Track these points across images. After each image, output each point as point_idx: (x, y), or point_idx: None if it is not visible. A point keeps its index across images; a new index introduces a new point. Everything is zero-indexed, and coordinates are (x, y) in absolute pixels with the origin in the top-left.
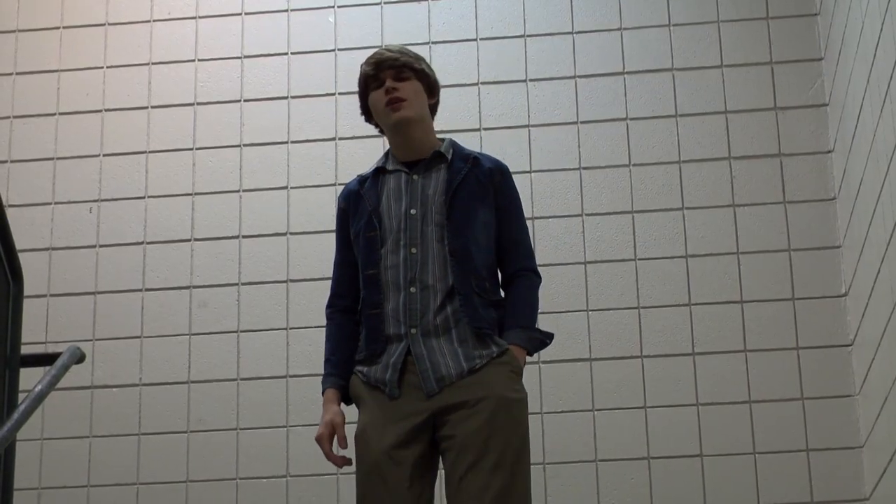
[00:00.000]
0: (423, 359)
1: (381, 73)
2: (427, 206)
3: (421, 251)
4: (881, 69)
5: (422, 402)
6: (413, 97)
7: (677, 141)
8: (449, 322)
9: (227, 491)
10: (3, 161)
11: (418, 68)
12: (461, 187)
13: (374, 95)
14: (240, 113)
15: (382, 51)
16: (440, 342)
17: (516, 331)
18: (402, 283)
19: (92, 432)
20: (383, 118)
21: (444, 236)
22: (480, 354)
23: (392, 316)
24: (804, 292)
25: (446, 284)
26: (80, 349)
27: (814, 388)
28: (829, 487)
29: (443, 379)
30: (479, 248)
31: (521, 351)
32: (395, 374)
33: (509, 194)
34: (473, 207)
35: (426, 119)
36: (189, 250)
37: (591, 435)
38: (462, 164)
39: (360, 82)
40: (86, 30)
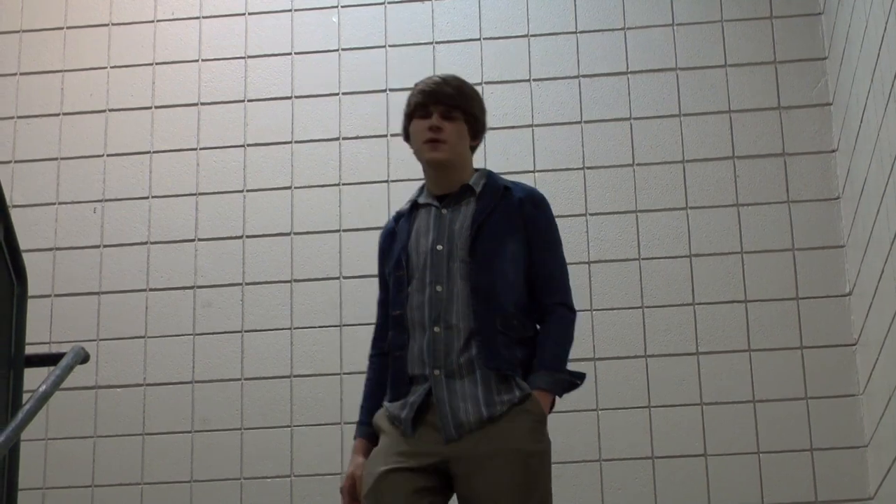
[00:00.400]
0: (444, 403)
1: (430, 105)
2: (453, 242)
3: (446, 289)
4: (885, 68)
5: (438, 444)
6: (455, 140)
7: (681, 140)
8: (473, 364)
9: (231, 491)
10: (7, 161)
11: (469, 111)
12: (488, 221)
13: (418, 125)
14: (243, 113)
15: (440, 83)
16: (463, 384)
17: (541, 374)
18: (428, 323)
19: (96, 432)
20: (418, 152)
21: (468, 273)
22: (502, 400)
23: (417, 357)
24: (808, 292)
25: (469, 324)
26: (85, 349)
27: (818, 387)
28: (833, 487)
29: (461, 426)
30: (506, 284)
31: (545, 395)
32: (412, 413)
33: (540, 225)
34: (500, 241)
35: (463, 160)
36: (193, 250)
37: (595, 434)
38: (491, 197)
39: (408, 103)
40: (89, 30)
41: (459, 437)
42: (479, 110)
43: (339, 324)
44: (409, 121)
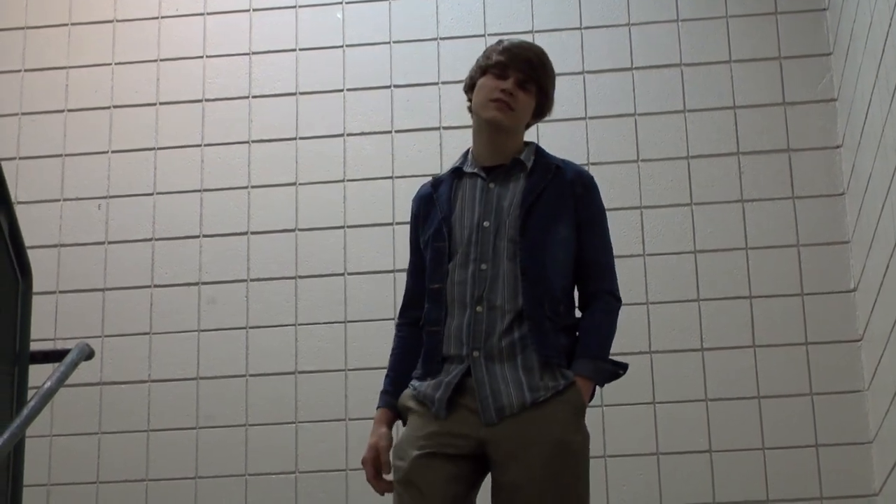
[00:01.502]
0: (485, 384)
1: (510, 68)
2: (501, 219)
3: (492, 268)
4: (889, 64)
5: (475, 428)
6: (522, 110)
7: (686, 136)
8: (515, 347)
9: (235, 487)
10: (12, 158)
11: (544, 87)
12: (539, 200)
13: (489, 82)
14: (248, 109)
15: (527, 48)
16: (504, 368)
17: (585, 361)
18: (469, 301)
19: (101, 429)
20: (481, 107)
21: (516, 253)
22: (546, 386)
23: (455, 335)
24: (813, 288)
25: (516, 306)
26: (89, 346)
27: (823, 383)
28: (838, 483)
29: (503, 409)
30: (555, 268)
31: (587, 383)
32: (447, 393)
33: (592, 208)
34: (552, 223)
35: (519, 131)
36: (198, 247)
37: (601, 431)
38: (542, 175)
39: (486, 55)
40: (94, 26)
41: (499, 421)
42: (552, 89)
43: (344, 320)
44: (481, 73)
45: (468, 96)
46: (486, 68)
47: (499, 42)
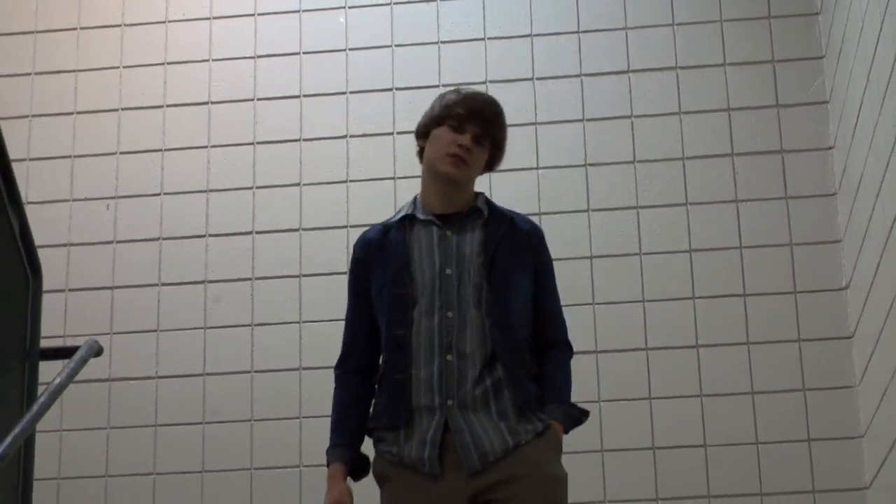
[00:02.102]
0: (464, 433)
1: (468, 122)
2: (464, 267)
3: (458, 315)
4: (881, 67)
5: (461, 482)
6: (476, 165)
7: (681, 138)
8: (488, 395)
9: (241, 481)
10: (23, 159)
11: (498, 142)
12: (499, 250)
13: (444, 133)
14: (253, 112)
15: (487, 104)
16: (479, 416)
17: (556, 406)
18: (438, 350)
19: (110, 424)
20: (437, 160)
21: (481, 301)
22: (525, 430)
23: (425, 385)
24: (805, 286)
25: (485, 353)
26: (98, 343)
27: (815, 379)
28: (829, 476)
29: (486, 455)
30: (518, 316)
31: (559, 427)
32: (435, 449)
33: (544, 259)
34: (512, 272)
35: (471, 183)
36: (203, 246)
37: (598, 426)
38: (499, 225)
39: (444, 106)
40: (102, 31)
41: (483, 469)
42: (504, 143)
43: None
44: (437, 124)
45: (419, 142)
46: (443, 119)
47: (456, 92)
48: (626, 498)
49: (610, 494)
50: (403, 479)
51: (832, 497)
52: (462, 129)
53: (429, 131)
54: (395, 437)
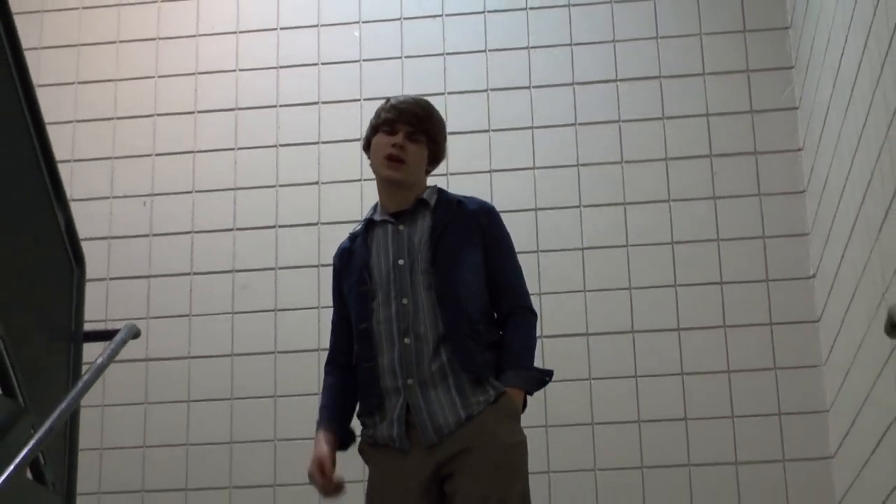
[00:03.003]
0: (421, 410)
1: (398, 123)
2: (414, 255)
3: (412, 301)
4: (845, 76)
5: (424, 455)
6: (414, 162)
7: (664, 141)
8: (445, 370)
9: (265, 451)
10: (67, 160)
11: (433, 136)
12: (445, 233)
13: (381, 139)
14: (276, 117)
15: (412, 104)
16: (437, 392)
17: (512, 373)
18: (397, 336)
19: (147, 400)
20: (378, 165)
21: (431, 284)
22: (478, 401)
23: (388, 369)
24: (777, 274)
25: (437, 332)
26: (136, 326)
27: (785, 359)
28: (798, 447)
29: (440, 429)
30: (468, 292)
31: (518, 392)
32: (402, 427)
33: (496, 234)
34: (459, 251)
35: (419, 181)
36: (232, 239)
37: (588, 401)
38: (446, 210)
39: (376, 115)
40: (139, 44)
41: (439, 441)
42: (442, 138)
43: None
44: (374, 133)
45: (367, 154)
46: (378, 127)
47: (386, 101)
48: (615, 466)
49: (600, 463)
50: (380, 457)
51: (801, 465)
52: (394, 131)
53: (370, 142)
54: (372, 421)
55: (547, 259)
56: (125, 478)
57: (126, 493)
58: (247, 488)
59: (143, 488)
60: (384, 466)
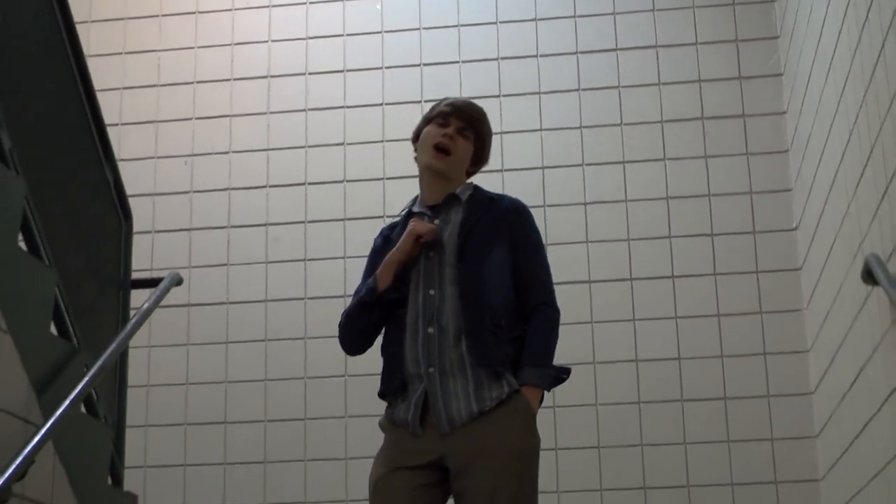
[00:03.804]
0: (437, 399)
1: (452, 117)
2: (443, 249)
3: (438, 293)
4: (826, 45)
5: (437, 442)
6: (459, 156)
7: (660, 105)
8: (464, 361)
9: (296, 388)
10: (115, 124)
11: (481, 136)
12: (475, 229)
13: (432, 130)
14: (305, 84)
15: (467, 103)
16: (455, 382)
17: (529, 369)
18: (421, 324)
19: (189, 341)
20: (422, 153)
21: (456, 278)
22: (491, 396)
23: (411, 356)
24: (763, 227)
25: (459, 324)
26: (179, 274)
27: (770, 303)
28: (782, 384)
29: (453, 420)
30: (493, 287)
31: (534, 390)
32: (418, 412)
33: (525, 232)
34: (487, 247)
35: (459, 177)
36: (265, 195)
37: (590, 343)
38: (477, 207)
39: (431, 110)
40: (180, 17)
41: (451, 431)
42: (489, 141)
43: (382, 216)
44: (426, 124)
45: (414, 146)
46: (431, 119)
47: (444, 99)
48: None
49: (603, 441)
50: (394, 434)
51: (784, 399)
52: (447, 124)
53: (420, 132)
54: (394, 401)
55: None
56: (169, 412)
57: (170, 426)
58: (280, 421)
59: (185, 421)
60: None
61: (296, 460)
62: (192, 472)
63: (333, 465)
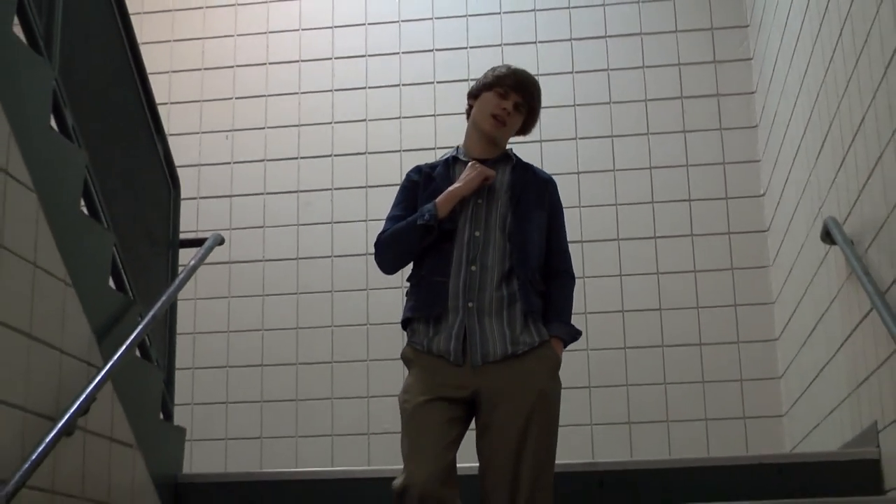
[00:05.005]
0: (475, 333)
1: (513, 90)
2: (493, 198)
3: (483, 235)
4: (790, 32)
5: (471, 375)
6: (512, 127)
7: (644, 85)
8: (503, 302)
9: (324, 334)
10: (165, 103)
11: (535, 110)
12: (525, 189)
13: (493, 99)
14: (332, 68)
15: (529, 78)
16: (492, 320)
17: (559, 324)
18: (465, 261)
19: (230, 293)
20: (481, 118)
21: (505, 225)
22: (524, 342)
23: (453, 290)
24: (734, 193)
25: (503, 268)
26: (221, 235)
27: (739, 260)
28: (750, 331)
29: (487, 355)
30: (532, 244)
31: (559, 343)
32: (459, 343)
33: (557, 204)
34: (532, 209)
35: (506, 141)
36: (296, 165)
37: (582, 295)
38: (524, 171)
39: (496, 75)
40: (221, 9)
41: (483, 364)
42: (538, 115)
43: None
44: (486, 89)
45: (469, 101)
46: (492, 86)
47: (506, 67)
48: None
49: (594, 381)
50: (429, 364)
51: (752, 346)
52: (507, 97)
53: (479, 94)
54: (425, 330)
55: None
56: (213, 356)
57: (214, 368)
58: (309, 364)
59: (227, 364)
60: (433, 369)
61: (324, 398)
62: (232, 409)
63: (357, 402)
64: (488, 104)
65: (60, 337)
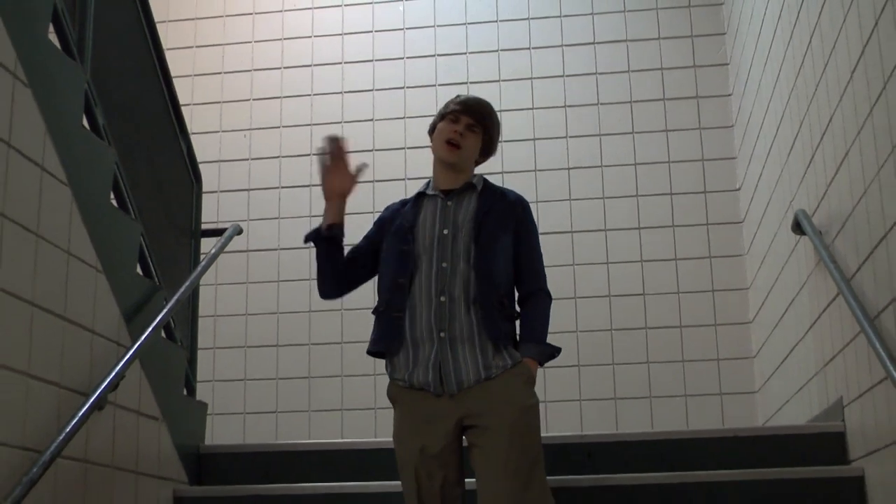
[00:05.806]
0: (448, 362)
1: (462, 114)
2: (458, 229)
3: (450, 266)
4: (764, 40)
5: (449, 404)
6: (469, 149)
7: (630, 88)
8: (473, 330)
9: (335, 318)
10: (188, 104)
11: (489, 130)
12: (488, 215)
13: (445, 126)
14: (342, 72)
15: (477, 100)
16: (464, 348)
17: (531, 344)
18: (434, 293)
19: (248, 279)
20: (437, 147)
21: (470, 256)
22: (497, 365)
23: (424, 321)
24: (712, 187)
25: (469, 297)
26: (240, 226)
27: (717, 250)
28: (726, 314)
29: (461, 382)
30: (498, 269)
31: (534, 362)
32: (437, 373)
33: (528, 225)
34: (497, 234)
35: (468, 167)
36: (309, 162)
37: (572, 282)
38: (490, 197)
39: (445, 106)
40: (239, 17)
41: (459, 392)
42: (496, 135)
43: (405, 178)
44: (440, 119)
45: (430, 138)
46: (444, 115)
47: (456, 96)
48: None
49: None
50: (412, 399)
51: (728, 328)
52: (457, 121)
53: (435, 127)
54: (405, 366)
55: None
56: (232, 337)
57: (233, 349)
58: (321, 345)
59: (245, 345)
60: (418, 402)
61: (334, 376)
62: (250, 385)
63: (364, 379)
64: (442, 132)
65: (92, 319)
